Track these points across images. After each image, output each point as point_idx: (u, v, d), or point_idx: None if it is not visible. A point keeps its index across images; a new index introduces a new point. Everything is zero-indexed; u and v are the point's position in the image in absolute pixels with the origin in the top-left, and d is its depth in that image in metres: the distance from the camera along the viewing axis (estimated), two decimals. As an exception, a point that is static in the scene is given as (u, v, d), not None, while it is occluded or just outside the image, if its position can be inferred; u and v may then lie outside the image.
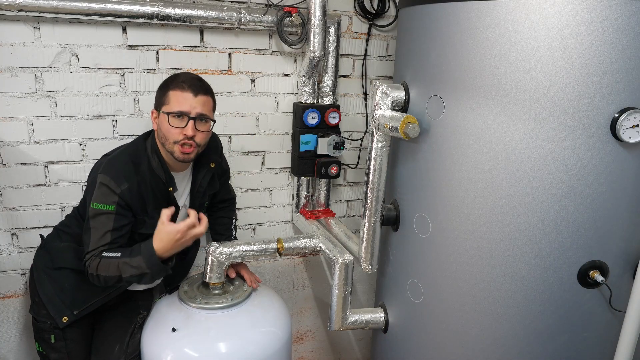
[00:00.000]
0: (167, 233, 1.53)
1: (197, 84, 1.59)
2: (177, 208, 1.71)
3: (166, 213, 1.55)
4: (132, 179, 1.57)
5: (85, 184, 1.93)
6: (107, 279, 1.53)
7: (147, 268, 1.51)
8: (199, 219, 1.61)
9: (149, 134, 1.70)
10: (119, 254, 1.52)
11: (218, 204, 1.99)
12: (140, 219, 1.62)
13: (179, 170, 1.72)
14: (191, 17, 1.86)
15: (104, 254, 1.52)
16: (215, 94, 1.71)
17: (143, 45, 1.89)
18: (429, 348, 1.69)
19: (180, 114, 1.55)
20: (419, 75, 1.57)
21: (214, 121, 1.66)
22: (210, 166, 1.80)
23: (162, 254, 1.54)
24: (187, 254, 1.92)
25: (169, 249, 1.54)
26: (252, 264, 2.19)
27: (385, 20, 2.27)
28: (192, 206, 1.79)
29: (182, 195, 1.77)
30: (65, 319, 1.66)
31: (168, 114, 1.55)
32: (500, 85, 1.35)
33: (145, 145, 1.66)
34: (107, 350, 1.74)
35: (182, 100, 1.55)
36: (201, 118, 1.59)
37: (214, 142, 1.83)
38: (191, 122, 1.56)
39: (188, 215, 1.79)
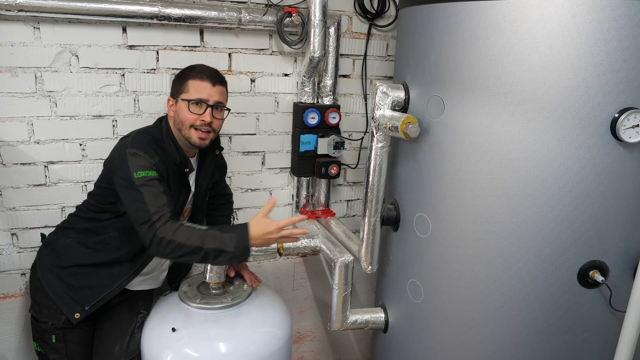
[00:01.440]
0: (265, 225, 1.54)
1: (214, 74, 1.68)
2: (188, 189, 1.77)
3: (268, 207, 1.57)
4: (160, 156, 1.61)
5: (88, 183, 1.94)
6: (179, 247, 1.47)
7: (233, 247, 1.50)
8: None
9: (161, 121, 1.74)
10: (206, 227, 1.53)
11: (216, 200, 2.00)
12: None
13: (190, 155, 1.77)
14: (191, 17, 1.86)
15: (185, 223, 1.52)
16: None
17: (143, 45, 1.89)
18: (429, 348, 1.69)
19: (199, 102, 1.64)
20: (419, 75, 1.58)
21: (229, 110, 1.76)
22: (216, 152, 1.89)
23: (252, 240, 1.54)
24: None
25: (259, 240, 1.55)
26: (252, 264, 2.19)
27: (385, 20, 2.27)
28: (198, 190, 1.82)
29: (192, 181, 1.81)
30: (77, 315, 1.67)
31: (188, 101, 1.63)
32: (500, 85, 1.35)
33: (161, 129, 1.70)
34: (108, 350, 1.74)
35: (201, 89, 1.64)
36: (217, 106, 1.68)
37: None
38: (209, 109, 1.65)
39: (191, 205, 1.83)
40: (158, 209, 1.50)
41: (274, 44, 2.10)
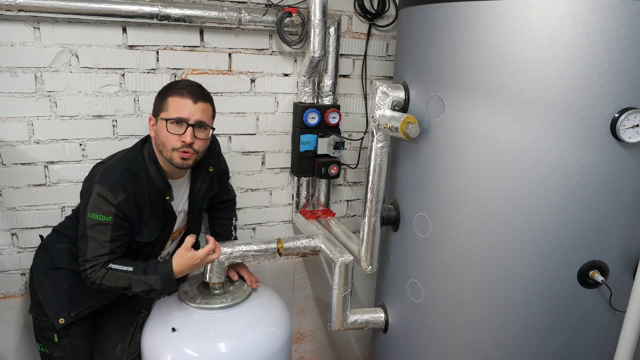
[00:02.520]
0: (188, 259, 1.60)
1: (196, 91, 1.57)
2: (174, 216, 1.72)
3: (190, 240, 1.61)
4: (129, 190, 1.55)
5: (85, 184, 1.94)
6: (109, 289, 1.56)
7: (160, 286, 1.56)
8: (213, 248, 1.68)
9: (146, 141, 1.68)
10: (130, 269, 1.54)
11: (218, 205, 1.99)
12: (137, 228, 1.61)
13: (177, 177, 1.71)
14: (191, 17, 1.86)
15: (112, 265, 1.53)
16: (215, 94, 1.71)
17: (143, 45, 1.89)
18: (429, 348, 1.69)
19: (179, 121, 1.53)
20: (419, 75, 1.58)
21: (213, 129, 1.64)
22: (209, 170, 1.79)
23: (177, 275, 1.60)
24: None
25: (185, 271, 1.62)
26: (252, 264, 2.19)
27: (385, 20, 2.27)
28: (191, 212, 1.79)
29: (181, 202, 1.77)
30: (62, 321, 1.66)
31: (166, 120, 1.53)
32: (500, 85, 1.35)
33: (142, 153, 1.64)
34: (110, 350, 1.74)
35: (181, 107, 1.53)
36: (200, 125, 1.56)
37: (212, 145, 1.79)
38: (190, 129, 1.54)
39: (186, 222, 1.80)
40: (93, 257, 1.53)
41: (274, 44, 2.10)
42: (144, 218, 1.62)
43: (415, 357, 1.76)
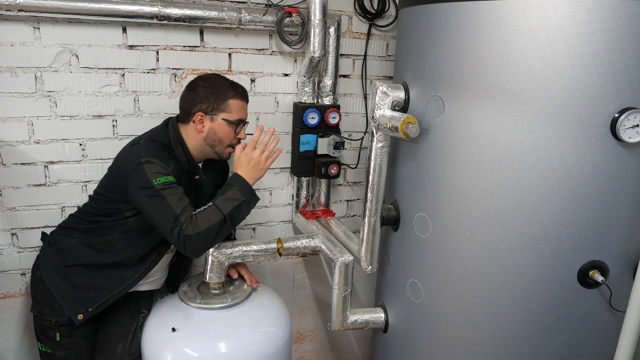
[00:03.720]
0: (242, 160, 1.67)
1: (246, 93, 1.75)
2: (200, 195, 1.79)
3: (239, 147, 1.69)
4: (173, 161, 1.63)
5: (88, 183, 1.94)
6: (208, 232, 1.55)
7: (243, 195, 1.61)
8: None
9: (167, 124, 1.73)
10: (210, 203, 1.60)
11: None
12: None
13: (199, 162, 1.79)
14: (191, 17, 1.86)
15: (195, 212, 1.56)
16: (216, 94, 1.72)
17: (143, 45, 1.89)
18: (429, 348, 1.69)
19: (242, 122, 1.73)
20: (419, 75, 1.58)
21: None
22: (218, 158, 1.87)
23: (250, 180, 1.66)
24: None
25: (251, 174, 1.66)
26: (252, 264, 2.19)
27: (385, 20, 2.27)
28: (202, 195, 1.82)
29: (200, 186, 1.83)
30: (80, 317, 1.67)
31: (231, 121, 1.68)
32: (500, 85, 1.35)
33: (168, 135, 1.70)
34: (111, 349, 1.74)
35: (241, 109, 1.72)
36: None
37: None
38: (244, 126, 1.75)
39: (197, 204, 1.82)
40: (183, 210, 1.54)
41: (274, 44, 2.10)
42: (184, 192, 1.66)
43: (415, 357, 1.76)
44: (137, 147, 1.62)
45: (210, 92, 1.67)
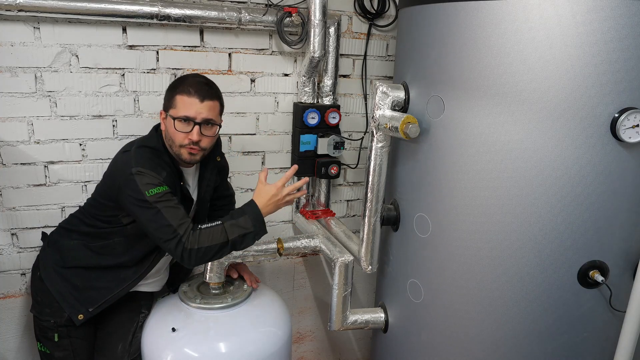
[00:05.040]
0: (266, 192, 1.61)
1: (204, 89, 1.58)
2: (192, 200, 1.74)
3: (263, 174, 1.65)
4: (164, 169, 1.59)
5: (88, 183, 1.94)
6: (209, 250, 1.51)
7: (252, 226, 1.55)
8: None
9: (157, 129, 1.71)
10: (219, 221, 1.55)
11: (217, 202, 1.99)
12: None
13: (187, 167, 1.74)
14: (191, 17, 1.86)
15: (201, 225, 1.53)
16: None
17: (143, 45, 1.89)
18: (429, 348, 1.69)
19: (186, 119, 1.56)
20: (419, 75, 1.58)
21: (220, 126, 1.66)
22: (217, 160, 1.84)
23: (264, 212, 1.60)
24: None
25: (267, 207, 1.61)
26: (252, 264, 2.19)
27: (385, 20, 2.27)
28: (201, 200, 1.80)
29: (193, 192, 1.79)
30: (81, 317, 1.67)
31: (174, 118, 1.56)
32: (500, 85, 1.35)
33: (159, 141, 1.67)
34: (111, 349, 1.74)
35: (188, 106, 1.56)
36: (207, 123, 1.59)
37: (218, 139, 1.85)
38: (197, 127, 1.56)
39: (194, 213, 1.80)
40: (179, 223, 1.50)
41: (274, 44, 2.10)
42: (178, 199, 1.63)
43: (415, 357, 1.76)
44: (128, 156, 1.57)
45: (168, 88, 1.63)
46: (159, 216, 1.49)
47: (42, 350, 1.74)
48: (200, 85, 1.59)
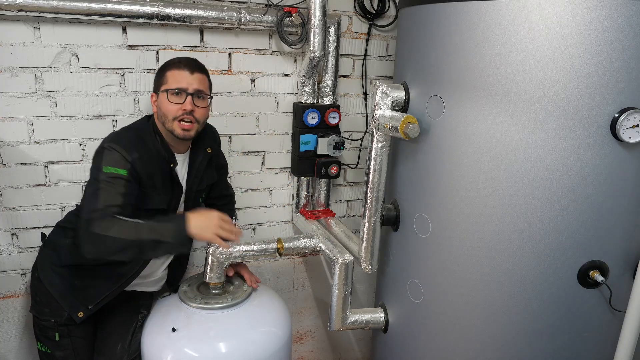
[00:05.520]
0: (205, 213, 1.58)
1: (192, 63, 1.65)
2: (180, 186, 1.73)
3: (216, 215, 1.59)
4: (141, 151, 1.59)
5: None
6: (113, 241, 1.45)
7: (171, 237, 1.50)
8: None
9: (149, 118, 1.73)
10: (141, 221, 1.50)
11: (217, 201, 1.99)
12: (148, 193, 1.62)
13: (179, 152, 1.74)
14: (191, 17, 1.86)
15: (120, 217, 1.49)
16: (215, 94, 1.73)
17: (143, 45, 1.89)
18: (429, 348, 1.69)
19: (179, 91, 1.60)
20: (419, 75, 1.58)
21: (211, 97, 1.70)
22: (207, 151, 1.82)
23: (191, 231, 1.53)
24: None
25: (197, 228, 1.53)
26: (252, 264, 2.19)
27: (385, 20, 2.27)
28: (189, 190, 1.79)
29: (182, 179, 1.78)
30: (81, 314, 1.67)
31: (167, 91, 1.60)
32: (500, 85, 1.35)
33: (148, 125, 1.69)
34: (110, 349, 1.74)
35: (180, 78, 1.60)
36: (199, 95, 1.63)
37: (211, 132, 1.87)
38: (189, 97, 1.60)
39: (183, 207, 1.80)
40: (105, 207, 1.47)
41: (274, 44, 2.10)
42: (157, 184, 1.64)
43: (415, 357, 1.76)
44: (110, 134, 1.65)
45: (156, 73, 1.69)
46: (95, 194, 1.49)
47: (43, 350, 1.74)
48: (188, 60, 1.66)
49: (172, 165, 1.68)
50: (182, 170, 1.77)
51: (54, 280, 1.69)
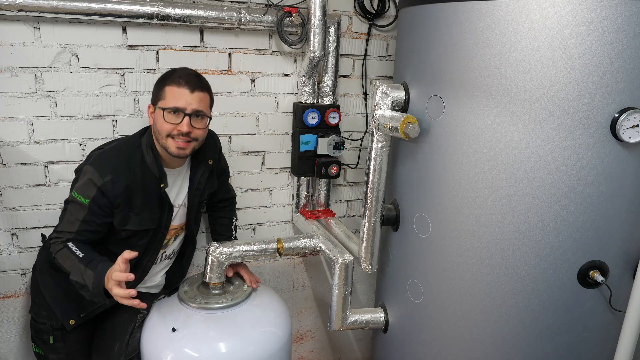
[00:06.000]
0: (111, 272, 1.41)
1: (194, 80, 1.57)
2: (170, 206, 1.69)
3: (126, 255, 1.40)
4: (120, 173, 1.55)
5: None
6: (60, 266, 1.55)
7: (91, 287, 1.45)
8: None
9: (146, 130, 1.69)
10: (81, 255, 1.49)
11: (218, 204, 1.99)
12: (125, 214, 1.58)
13: (175, 166, 1.70)
14: (191, 17, 1.86)
15: (70, 244, 1.51)
16: (215, 94, 1.71)
17: (143, 45, 1.89)
18: (429, 348, 1.69)
19: (175, 110, 1.54)
20: (419, 75, 1.58)
21: (210, 118, 1.64)
22: (208, 163, 1.79)
23: (106, 282, 1.43)
24: (184, 255, 1.92)
25: (108, 283, 1.42)
26: (252, 264, 2.19)
27: (385, 20, 2.27)
28: (190, 205, 1.78)
29: (180, 194, 1.76)
30: (72, 322, 1.66)
31: (164, 109, 1.54)
32: (500, 85, 1.35)
33: (140, 141, 1.65)
34: (107, 349, 1.74)
35: (179, 96, 1.54)
36: (197, 114, 1.57)
37: (212, 140, 1.82)
38: (186, 118, 1.54)
39: (185, 218, 1.78)
40: (61, 231, 1.56)
41: (274, 44, 2.10)
42: (135, 205, 1.59)
43: (415, 357, 1.76)
44: (92, 155, 1.66)
45: (156, 82, 1.62)
46: (61, 215, 1.60)
47: (37, 352, 1.74)
48: (190, 77, 1.57)
49: (162, 186, 1.63)
50: (178, 186, 1.73)
51: (50, 285, 1.68)
